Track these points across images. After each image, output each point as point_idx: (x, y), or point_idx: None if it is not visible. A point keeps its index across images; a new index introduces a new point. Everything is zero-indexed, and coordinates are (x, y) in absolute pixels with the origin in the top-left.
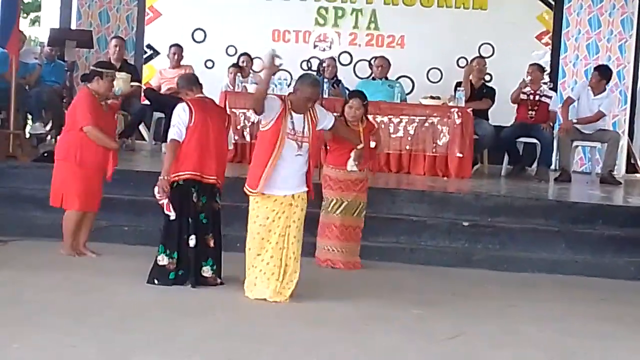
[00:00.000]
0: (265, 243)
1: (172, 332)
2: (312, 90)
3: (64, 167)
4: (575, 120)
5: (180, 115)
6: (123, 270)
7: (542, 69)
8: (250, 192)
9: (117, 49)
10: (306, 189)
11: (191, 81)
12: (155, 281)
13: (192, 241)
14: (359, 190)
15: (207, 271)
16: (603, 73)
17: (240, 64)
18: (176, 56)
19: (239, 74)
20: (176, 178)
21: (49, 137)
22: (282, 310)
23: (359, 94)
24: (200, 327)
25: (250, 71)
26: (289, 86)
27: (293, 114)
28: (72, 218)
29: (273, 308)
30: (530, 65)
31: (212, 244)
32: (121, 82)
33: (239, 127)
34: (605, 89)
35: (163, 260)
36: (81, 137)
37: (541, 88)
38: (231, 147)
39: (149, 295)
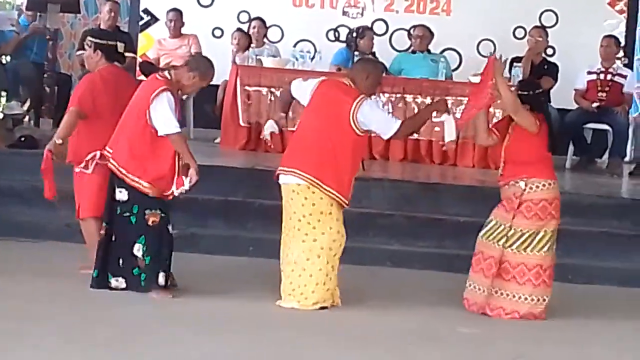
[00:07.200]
0: None
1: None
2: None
3: None
4: None
5: None
6: None
7: (618, 42)
8: (345, 203)
9: (112, 14)
10: None
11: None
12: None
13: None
14: None
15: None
16: None
17: (251, 30)
18: (174, 23)
19: (252, 45)
20: None
21: (26, 119)
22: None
23: None
24: (213, 345)
25: (265, 40)
26: (312, 60)
27: None
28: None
29: (302, 320)
30: (605, 37)
31: None
32: None
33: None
34: None
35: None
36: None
37: (614, 65)
38: None
39: (146, 308)
